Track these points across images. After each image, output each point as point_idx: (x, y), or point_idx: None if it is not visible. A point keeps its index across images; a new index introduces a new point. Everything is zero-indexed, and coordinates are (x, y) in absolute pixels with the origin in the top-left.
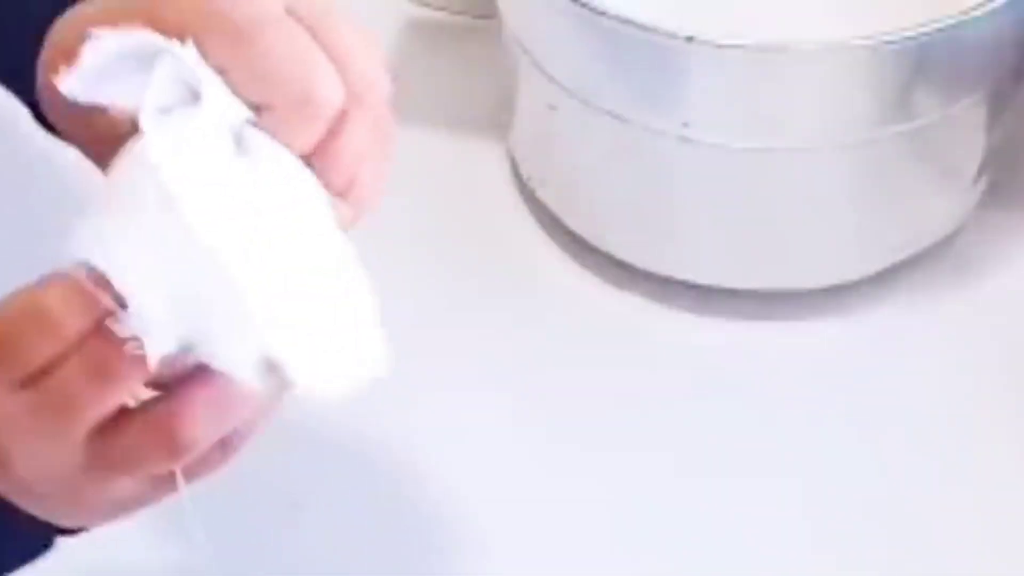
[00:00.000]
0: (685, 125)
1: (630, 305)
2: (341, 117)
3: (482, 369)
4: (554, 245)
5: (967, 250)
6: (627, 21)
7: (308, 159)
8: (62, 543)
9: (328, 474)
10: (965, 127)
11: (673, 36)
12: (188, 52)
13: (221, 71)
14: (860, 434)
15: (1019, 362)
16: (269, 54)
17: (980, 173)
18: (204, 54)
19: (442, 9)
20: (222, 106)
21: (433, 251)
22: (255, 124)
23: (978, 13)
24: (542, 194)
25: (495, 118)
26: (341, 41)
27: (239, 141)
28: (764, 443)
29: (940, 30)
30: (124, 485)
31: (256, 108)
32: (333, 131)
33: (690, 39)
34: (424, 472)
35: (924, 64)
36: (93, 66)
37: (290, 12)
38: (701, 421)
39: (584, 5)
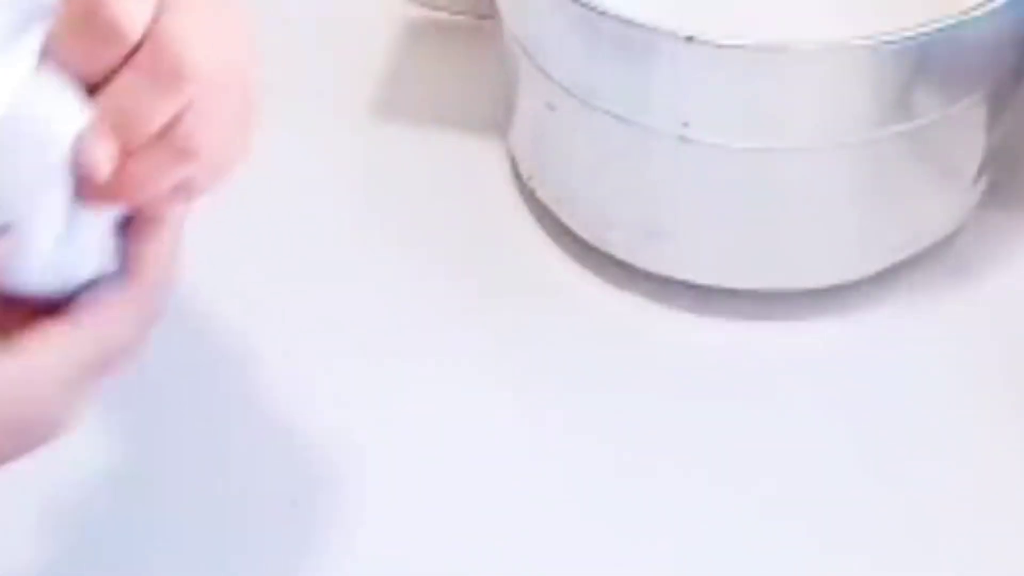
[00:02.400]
0: (685, 125)
1: (630, 305)
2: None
3: (481, 369)
4: (554, 245)
5: (967, 250)
6: (627, 21)
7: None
8: None
9: (327, 473)
10: (965, 127)
11: (673, 36)
12: None
13: None
14: (860, 434)
15: (1019, 362)
16: None
17: (980, 173)
18: None
19: (442, 9)
20: None
21: (432, 251)
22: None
23: (978, 13)
24: (542, 194)
25: (495, 118)
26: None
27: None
28: (764, 443)
29: (940, 30)
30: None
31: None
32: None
33: (690, 39)
34: (424, 471)
35: (924, 64)
36: None
37: None
38: (701, 421)
39: (584, 5)
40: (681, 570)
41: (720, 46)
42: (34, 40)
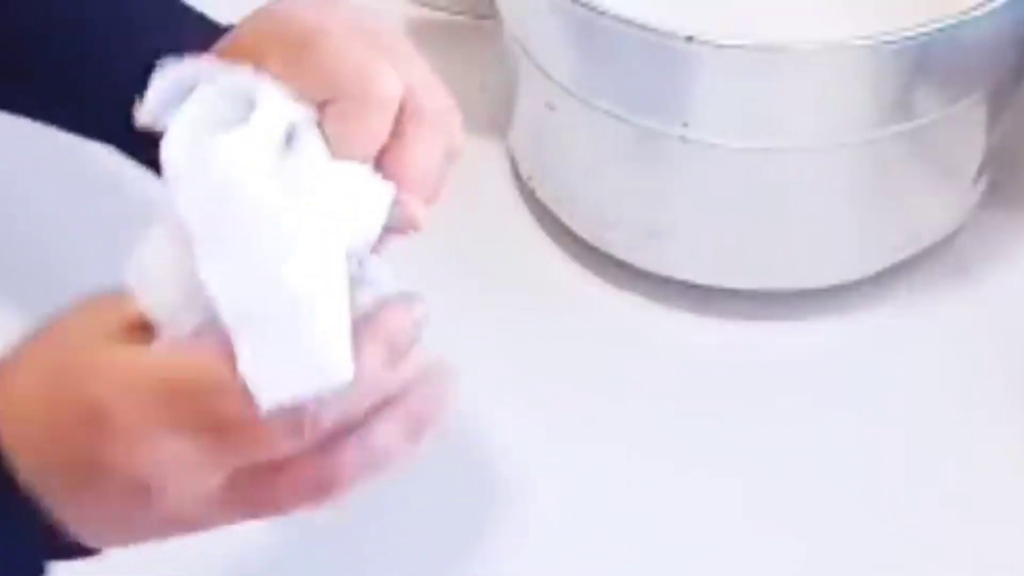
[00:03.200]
0: (685, 125)
1: (630, 305)
2: (407, 121)
3: (481, 369)
4: (554, 245)
5: (967, 250)
6: (627, 21)
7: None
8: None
9: None
10: (965, 127)
11: (673, 36)
12: (242, 69)
13: (286, 78)
14: (860, 434)
15: (1019, 362)
16: (329, 53)
17: (980, 173)
18: (270, 63)
19: (442, 9)
20: (275, 107)
21: (432, 250)
22: (317, 124)
23: (978, 13)
24: (542, 194)
25: (495, 118)
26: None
27: (289, 140)
28: (764, 443)
29: (940, 30)
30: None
31: (320, 107)
32: (399, 134)
33: (690, 39)
34: (423, 470)
35: (924, 64)
36: (159, 94)
37: (355, 30)
38: (700, 420)
39: (584, 5)
40: (680, 569)
41: (720, 46)
42: (317, 141)
